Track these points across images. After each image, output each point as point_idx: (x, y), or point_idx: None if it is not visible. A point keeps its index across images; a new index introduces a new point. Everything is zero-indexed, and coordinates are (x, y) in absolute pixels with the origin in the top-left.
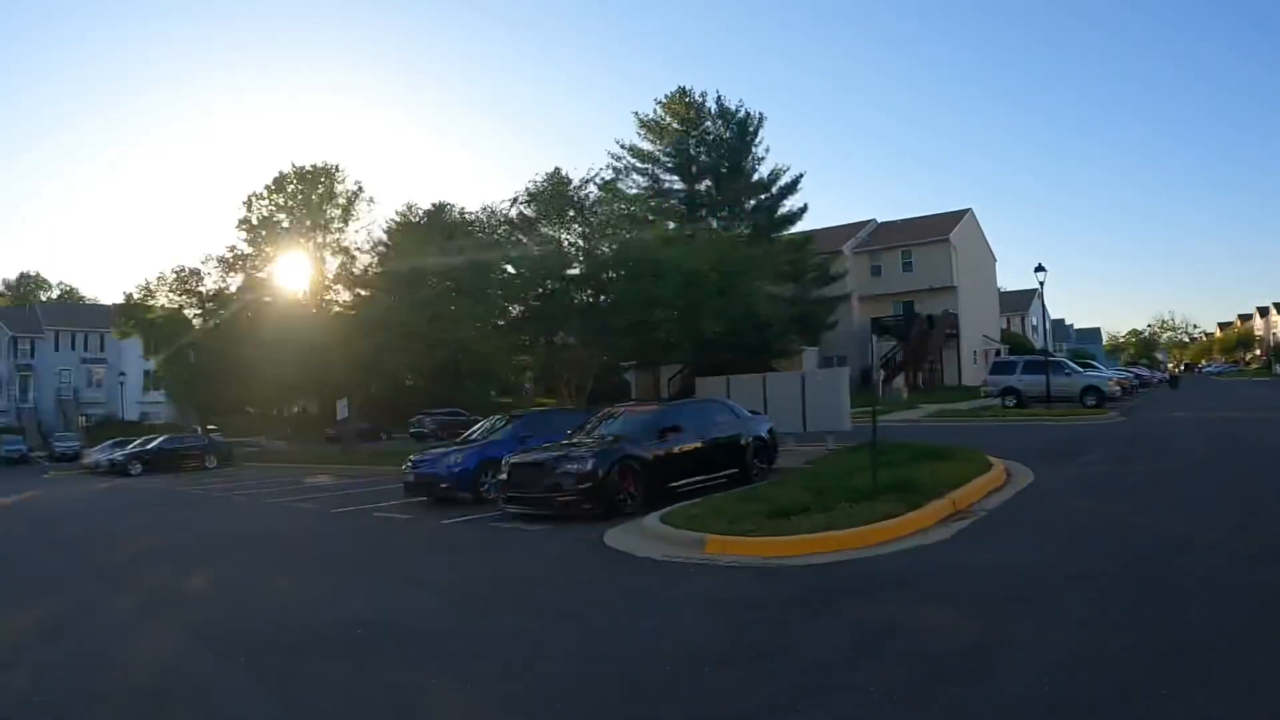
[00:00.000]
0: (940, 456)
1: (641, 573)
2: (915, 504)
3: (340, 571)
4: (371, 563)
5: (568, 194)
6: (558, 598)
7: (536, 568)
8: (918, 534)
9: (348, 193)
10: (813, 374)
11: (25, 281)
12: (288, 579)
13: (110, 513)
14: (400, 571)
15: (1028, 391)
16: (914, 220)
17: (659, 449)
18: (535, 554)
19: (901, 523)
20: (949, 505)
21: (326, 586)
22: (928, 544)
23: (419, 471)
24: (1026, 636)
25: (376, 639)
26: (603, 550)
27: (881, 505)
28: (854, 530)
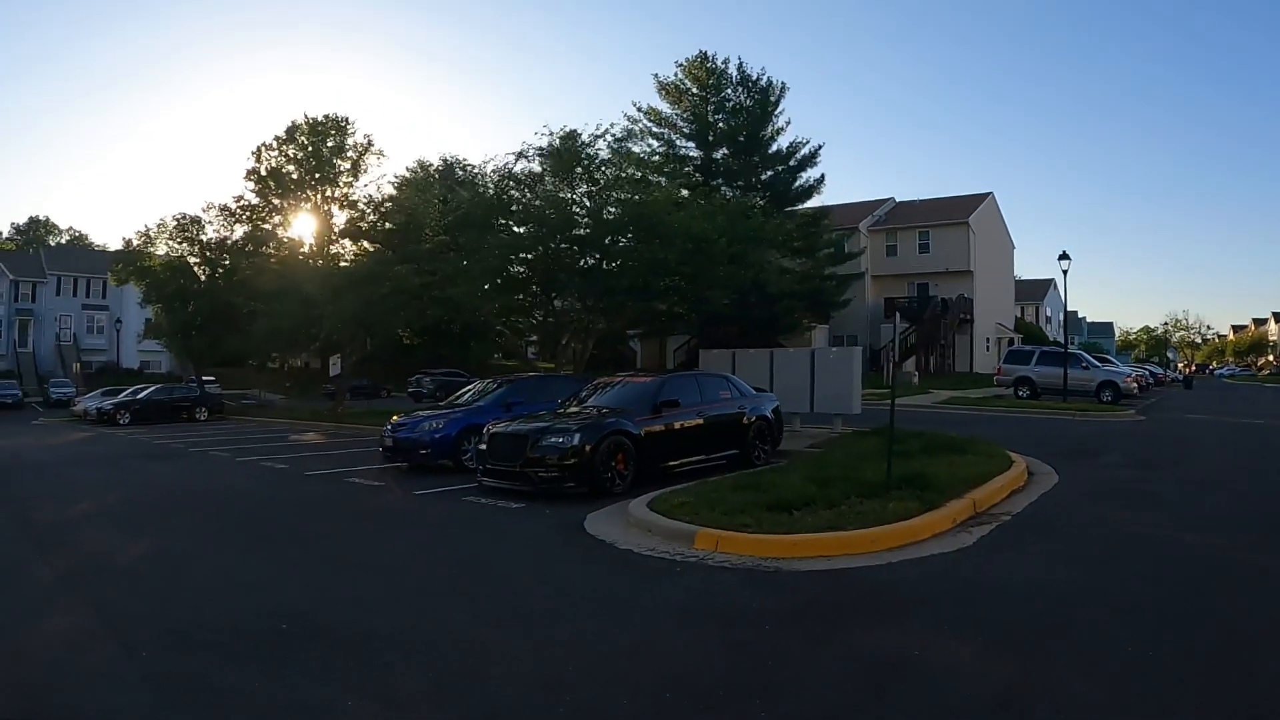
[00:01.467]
0: (958, 449)
1: (621, 569)
2: (932, 503)
3: (290, 546)
4: (325, 538)
5: (576, 149)
6: (521, 597)
7: (504, 556)
8: (934, 539)
9: (358, 146)
10: (824, 352)
11: (34, 226)
12: (231, 552)
13: (77, 465)
14: (353, 551)
15: (1042, 383)
16: (933, 201)
17: (653, 425)
18: (506, 539)
19: (917, 525)
20: (969, 507)
21: (269, 565)
22: (947, 552)
23: (397, 436)
24: (1068, 686)
25: (303, 637)
26: (582, 538)
27: (895, 503)
28: (864, 532)
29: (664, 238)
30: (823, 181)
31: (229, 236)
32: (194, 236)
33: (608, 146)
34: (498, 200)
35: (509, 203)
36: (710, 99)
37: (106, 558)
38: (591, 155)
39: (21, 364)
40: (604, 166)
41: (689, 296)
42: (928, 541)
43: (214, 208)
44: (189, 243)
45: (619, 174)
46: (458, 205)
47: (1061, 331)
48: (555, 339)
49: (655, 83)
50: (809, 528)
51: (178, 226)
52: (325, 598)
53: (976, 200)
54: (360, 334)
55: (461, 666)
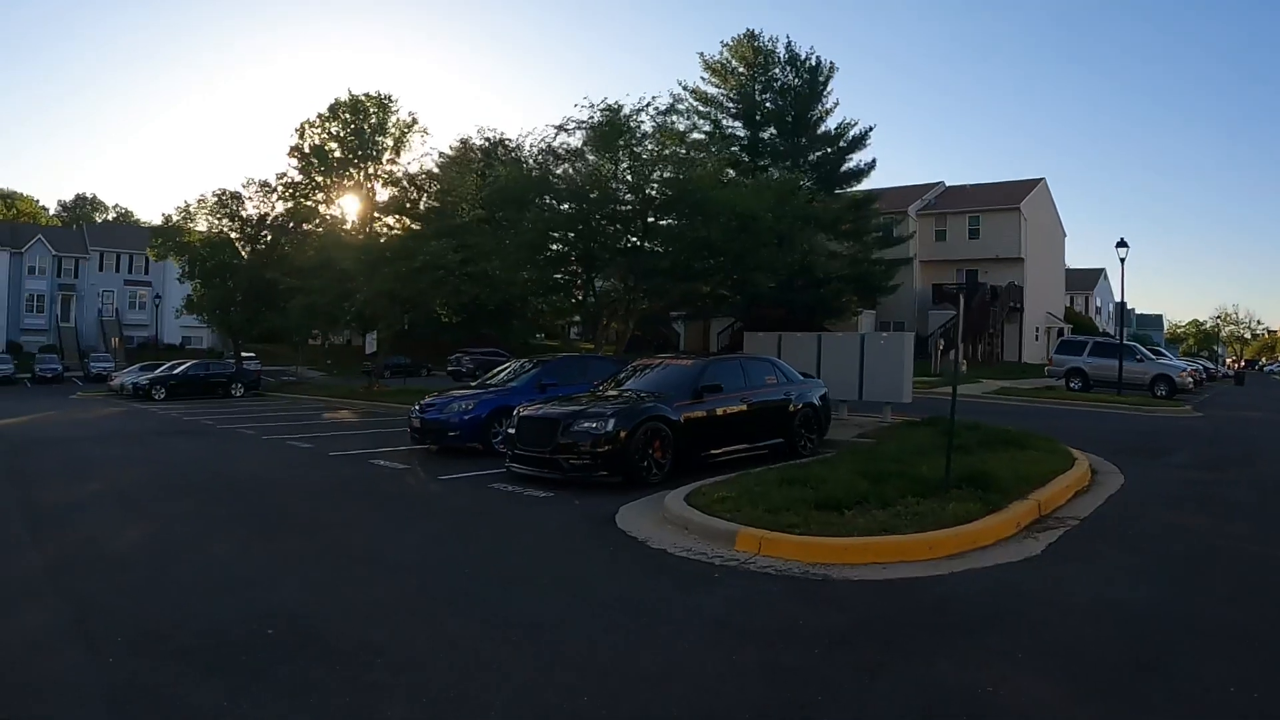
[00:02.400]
0: (1016, 444)
1: (652, 573)
2: (994, 505)
3: (296, 536)
4: (336, 527)
5: (619, 123)
6: (537, 605)
7: (524, 555)
8: (998, 546)
9: (401, 123)
10: (874, 337)
11: (81, 203)
12: (232, 542)
13: (101, 441)
14: (362, 543)
15: (1095, 375)
16: (984, 186)
17: (694, 411)
18: (529, 532)
19: (978, 530)
20: (1033, 509)
21: (269, 558)
22: (1012, 561)
23: (425, 418)
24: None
25: (288, 646)
26: (611, 534)
27: (955, 504)
28: (921, 536)
29: (708, 215)
30: (873, 166)
31: (269, 212)
32: (234, 212)
33: (651, 120)
34: (536, 175)
35: (548, 178)
36: (758, 78)
37: (101, 545)
38: (634, 129)
39: (64, 339)
40: (646, 140)
41: (733, 277)
42: (991, 548)
43: (253, 183)
44: (229, 218)
45: (662, 149)
46: (494, 179)
47: (1111, 322)
48: (595, 319)
49: (701, 62)
50: (861, 530)
51: (218, 202)
52: (321, 599)
53: (1029, 186)
54: (394, 310)
55: (458, 691)
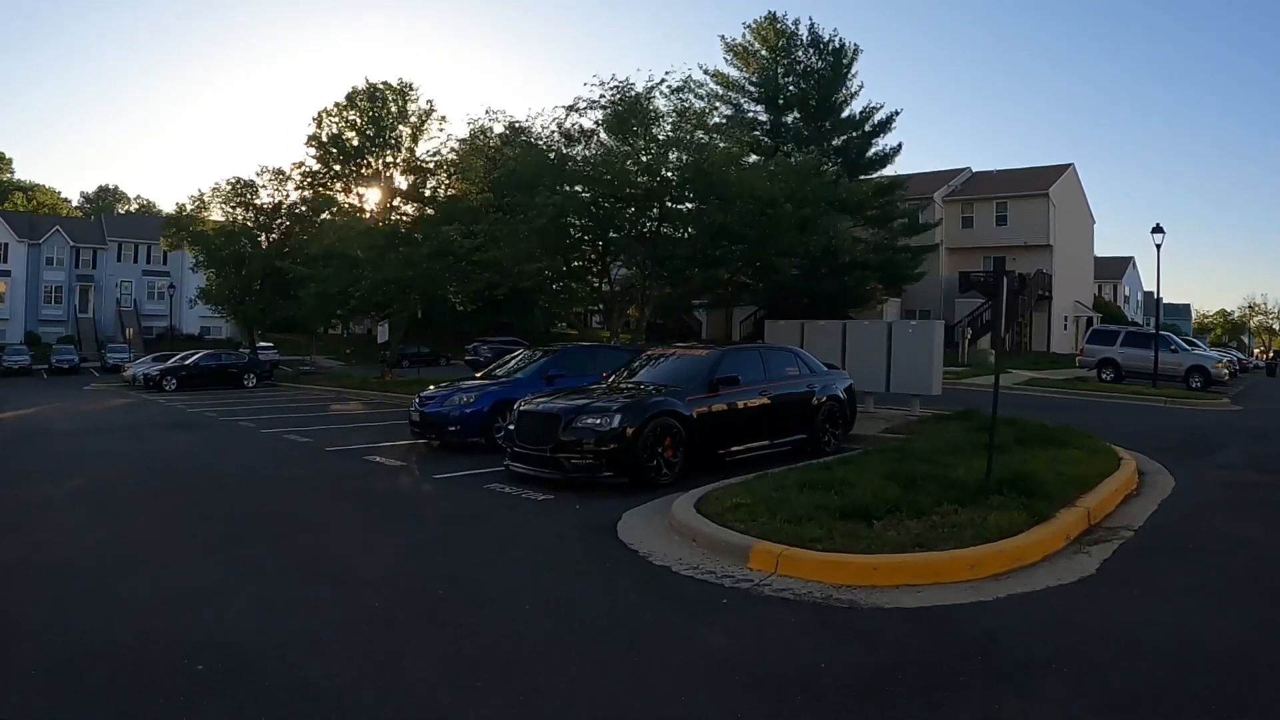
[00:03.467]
0: (1056, 441)
1: (650, 596)
2: (1040, 514)
3: (265, 543)
4: (309, 534)
5: (633, 105)
6: (516, 636)
7: (511, 569)
8: (1047, 563)
9: (419, 111)
10: (902, 325)
11: (103, 195)
12: (196, 549)
13: (96, 434)
14: (335, 553)
15: (1127, 365)
16: (1011, 172)
17: (708, 405)
18: (519, 544)
19: (1025, 545)
20: (1083, 518)
21: (227, 569)
22: (1066, 584)
23: (425, 411)
24: None
25: (216, 685)
26: (610, 546)
27: (996, 513)
28: (961, 553)
29: (725, 198)
30: (899, 150)
31: (283, 200)
32: (248, 200)
33: (665, 99)
34: (546, 158)
35: (559, 160)
36: (780, 61)
37: (52, 550)
38: (649, 110)
39: (82, 330)
40: (663, 120)
41: (755, 264)
42: (1039, 567)
43: (266, 171)
44: (243, 207)
45: (679, 131)
46: (503, 162)
47: (1140, 312)
48: (611, 307)
49: (722, 44)
50: (892, 545)
51: (232, 190)
52: (270, 622)
53: (1057, 171)
54: (403, 297)
55: None
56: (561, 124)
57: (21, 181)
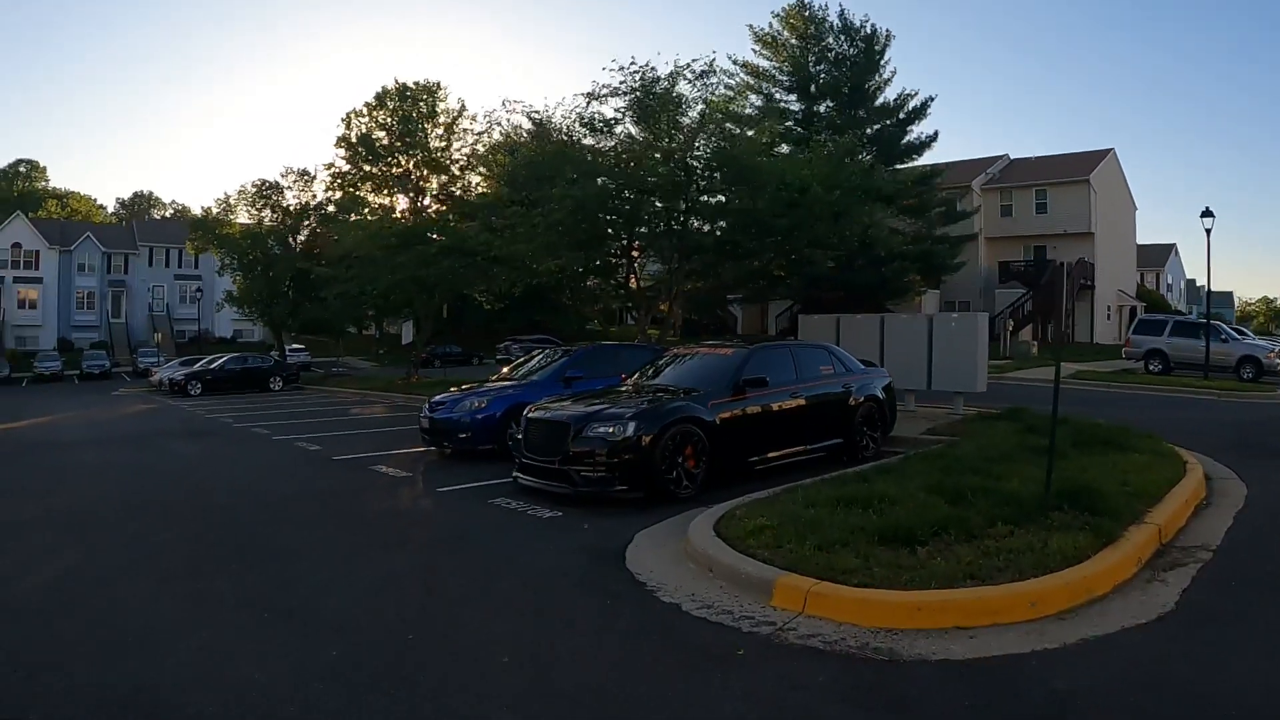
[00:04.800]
0: (1114, 443)
1: (655, 645)
2: (1107, 534)
3: (226, 575)
4: (286, 560)
5: (660, 94)
6: (482, 702)
7: (499, 607)
8: (1118, 595)
9: (448, 110)
10: (943, 318)
11: (138, 201)
12: (156, 579)
13: (102, 445)
14: (302, 585)
15: (1175, 356)
16: (1050, 158)
17: (733, 409)
18: (514, 572)
19: (1092, 574)
20: (1153, 537)
21: (184, 604)
22: (1143, 623)
23: (435, 417)
24: None
25: None
26: (615, 577)
27: (1058, 535)
28: (1020, 588)
29: (754, 186)
30: (935, 138)
31: (309, 202)
32: (275, 202)
33: (690, 85)
34: (565, 148)
35: (579, 151)
36: (810, 49)
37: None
38: (671, 95)
39: (114, 335)
40: (686, 106)
41: (789, 256)
42: (1110, 600)
43: (292, 173)
44: (270, 209)
45: (706, 119)
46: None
47: (1183, 300)
48: (639, 303)
49: (750, 33)
50: (940, 577)
51: (257, 193)
52: (207, 675)
53: (1097, 157)
54: (421, 297)
55: None
56: (582, 113)
57: (56, 189)
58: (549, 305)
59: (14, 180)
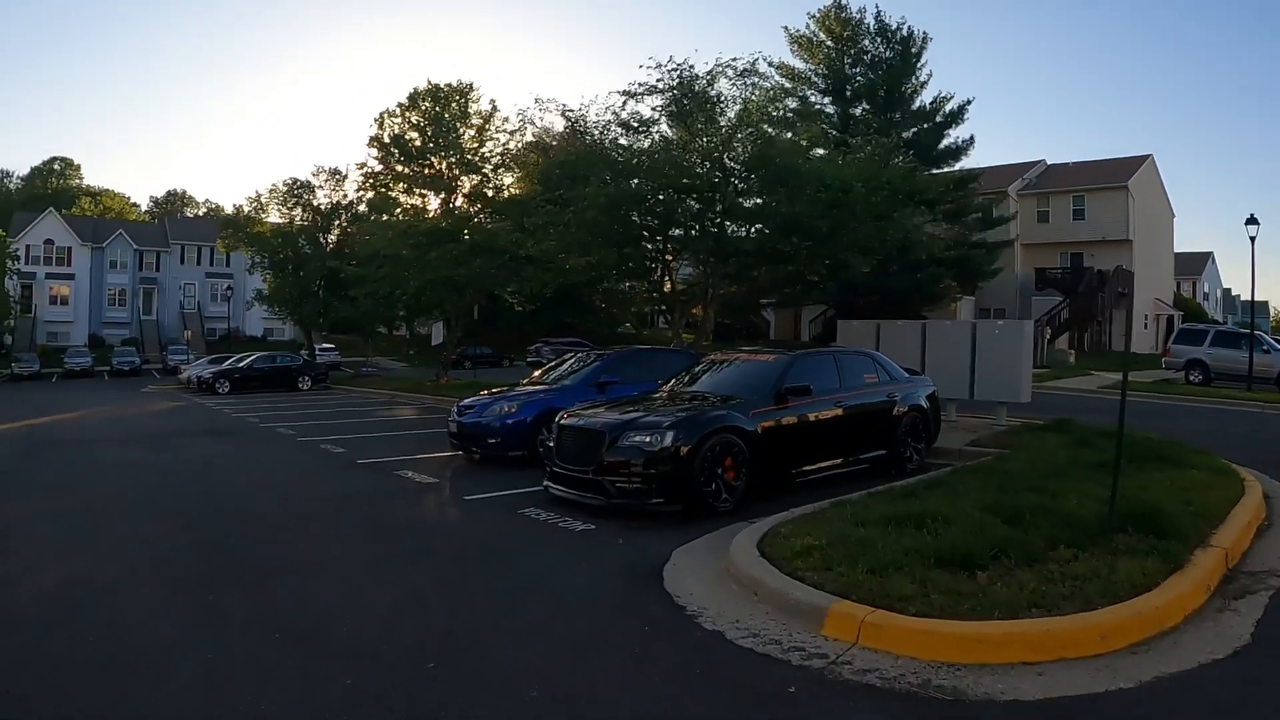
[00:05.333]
0: (1169, 459)
1: (698, 679)
2: (1174, 558)
3: (239, 588)
4: (298, 574)
5: (689, 84)
6: None
7: (526, 634)
8: (1190, 625)
9: (482, 112)
10: (988, 325)
11: (172, 199)
12: (163, 592)
13: (123, 443)
14: (319, 602)
15: (1216, 366)
16: (1088, 164)
17: (775, 418)
18: (543, 595)
19: (1163, 604)
20: (1220, 561)
21: (188, 622)
22: (1220, 658)
23: (463, 421)
24: None
25: None
26: (654, 599)
27: (1125, 560)
28: (1088, 619)
29: (793, 187)
30: (972, 143)
31: (340, 201)
32: (306, 201)
33: (728, 81)
34: (600, 147)
35: (613, 150)
36: (846, 52)
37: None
38: (709, 94)
39: (145, 332)
40: (724, 105)
41: (825, 261)
42: (1183, 631)
43: (323, 171)
44: (301, 208)
45: (745, 118)
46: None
47: (1220, 309)
48: (672, 306)
49: (786, 36)
50: (1004, 606)
51: (289, 192)
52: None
53: (1136, 163)
54: (451, 297)
55: None
56: (618, 112)
57: (89, 187)
58: (581, 307)
59: (48, 178)
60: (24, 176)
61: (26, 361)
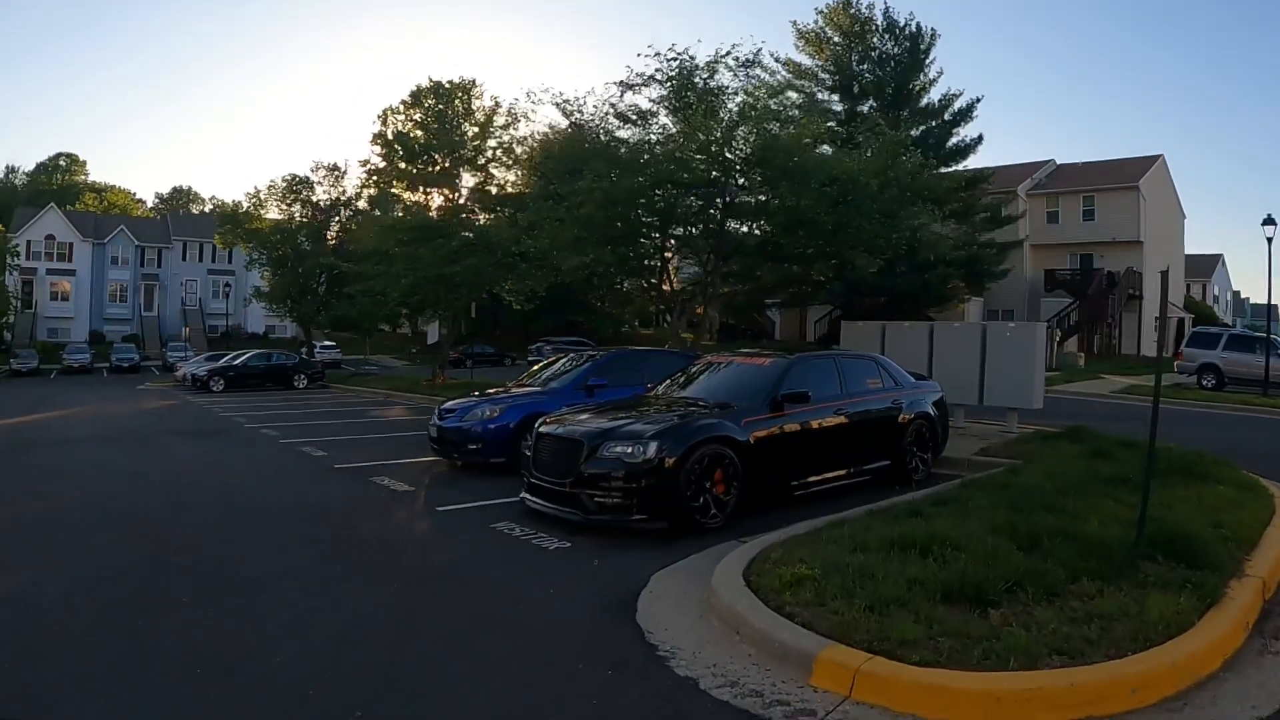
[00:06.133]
0: (1193, 473)
1: None
2: (1210, 592)
3: (174, 611)
4: (239, 595)
5: (689, 74)
6: None
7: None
8: (1232, 672)
9: (485, 109)
10: (998, 327)
11: (177, 196)
12: (89, 616)
13: (98, 443)
14: (253, 631)
15: (1230, 371)
16: (1098, 164)
17: (770, 427)
18: (501, 626)
19: (1201, 650)
20: (1257, 593)
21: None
22: (1268, 715)
23: (444, 425)
24: None
25: None
26: (622, 635)
27: (1156, 596)
28: (1120, 669)
29: (797, 180)
30: (980, 141)
31: (339, 197)
32: (306, 198)
33: (730, 71)
34: (596, 139)
35: (609, 142)
36: (854, 48)
37: None
38: (710, 86)
39: (146, 328)
40: (725, 97)
41: (831, 260)
42: (1222, 680)
43: (321, 168)
44: (300, 204)
45: (747, 110)
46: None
47: (1229, 312)
48: (671, 305)
49: (794, 30)
50: (1020, 652)
51: (288, 188)
52: None
53: (1147, 163)
54: (444, 295)
55: None
56: (616, 104)
57: (95, 183)
58: (585, 306)
59: (54, 173)
60: (29, 172)
61: (25, 358)
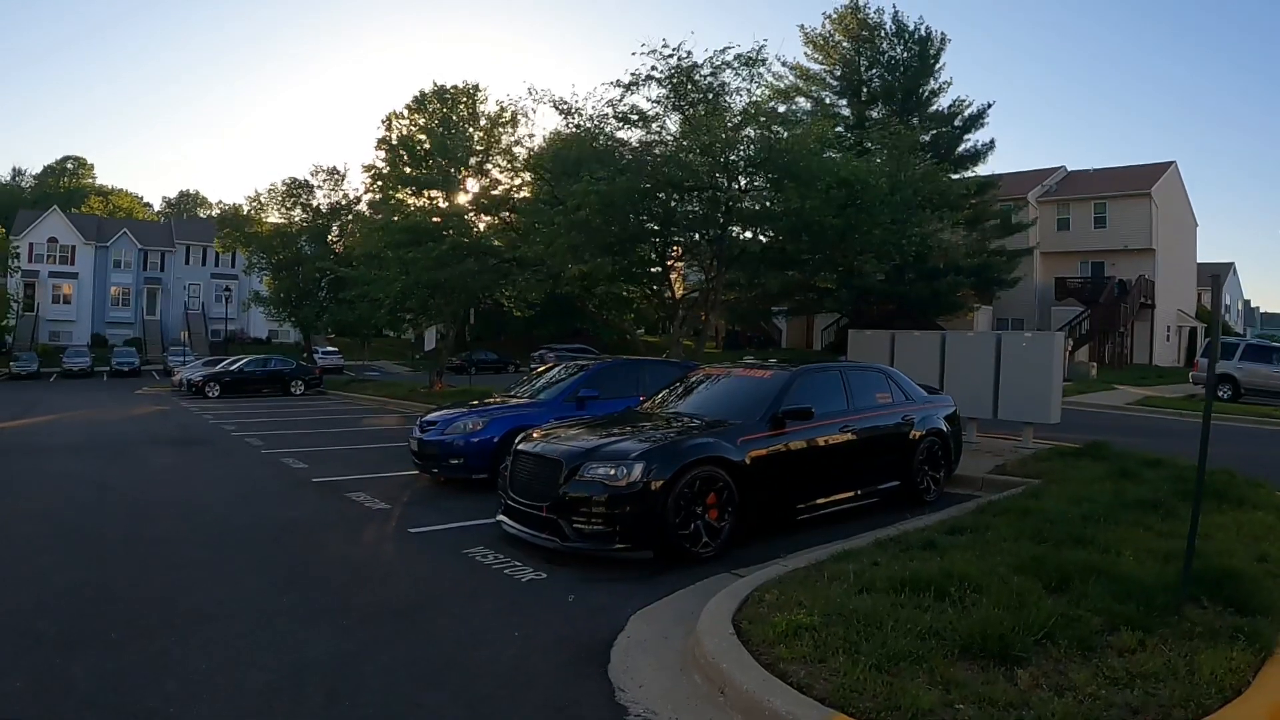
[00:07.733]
0: (1226, 495)
1: None
2: (1263, 642)
3: (92, 652)
4: (181, 630)
5: (689, 71)
6: None
7: None
8: None
9: (489, 114)
10: (1014, 337)
11: (184, 200)
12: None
13: (71, 452)
14: (175, 680)
15: (1247, 382)
16: (1110, 170)
17: (769, 446)
18: (457, 677)
19: (1261, 708)
20: None
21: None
22: None
23: (425, 439)
24: None
25: None
26: (592, 695)
27: (1204, 648)
28: None
29: (804, 181)
30: (991, 147)
31: (339, 202)
32: (306, 202)
33: (733, 70)
34: (594, 140)
35: (607, 144)
36: (863, 52)
37: None
38: (715, 86)
39: (148, 332)
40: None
41: (839, 268)
42: None
43: (321, 171)
44: (300, 208)
45: (750, 111)
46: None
47: (1240, 321)
48: (672, 313)
49: (802, 35)
50: None
51: (287, 192)
52: None
53: (1158, 170)
54: (438, 300)
55: None
56: (614, 104)
57: (101, 186)
58: (588, 313)
59: (60, 177)
60: (36, 175)
61: (25, 361)
